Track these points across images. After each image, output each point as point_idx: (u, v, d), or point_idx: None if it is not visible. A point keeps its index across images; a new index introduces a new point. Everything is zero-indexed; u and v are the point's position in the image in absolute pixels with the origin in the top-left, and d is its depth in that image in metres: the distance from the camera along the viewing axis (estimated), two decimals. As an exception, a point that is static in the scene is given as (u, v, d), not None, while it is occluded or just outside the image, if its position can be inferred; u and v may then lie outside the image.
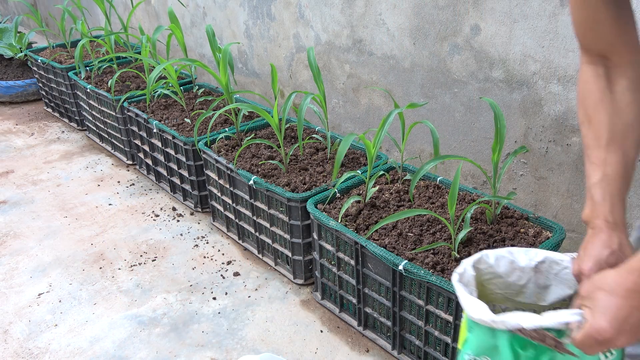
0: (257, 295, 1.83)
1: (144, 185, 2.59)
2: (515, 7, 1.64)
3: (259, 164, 1.94)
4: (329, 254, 1.65)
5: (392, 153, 2.31)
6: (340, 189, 1.73)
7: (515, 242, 1.44)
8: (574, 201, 1.72)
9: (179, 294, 1.86)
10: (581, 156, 1.65)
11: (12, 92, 3.68)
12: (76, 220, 2.31)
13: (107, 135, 2.89)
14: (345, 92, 2.38)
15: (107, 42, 2.82)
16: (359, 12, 2.14)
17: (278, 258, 1.94)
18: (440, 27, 1.88)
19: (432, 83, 1.99)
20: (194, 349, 1.62)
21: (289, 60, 2.61)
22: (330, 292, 1.74)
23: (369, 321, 1.64)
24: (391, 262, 1.38)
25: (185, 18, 3.20)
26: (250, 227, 2.00)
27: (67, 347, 1.65)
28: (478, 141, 1.92)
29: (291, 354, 1.59)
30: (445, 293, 1.30)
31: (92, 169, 2.77)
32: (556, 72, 1.62)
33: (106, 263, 2.03)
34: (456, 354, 1.34)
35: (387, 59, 2.12)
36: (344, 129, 2.47)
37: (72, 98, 3.14)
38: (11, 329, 1.73)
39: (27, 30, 5.14)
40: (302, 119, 1.85)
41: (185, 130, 2.25)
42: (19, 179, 2.70)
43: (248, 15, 2.72)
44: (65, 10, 3.11)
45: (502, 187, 1.90)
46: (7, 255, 2.11)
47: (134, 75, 2.92)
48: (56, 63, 3.13)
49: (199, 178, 2.26)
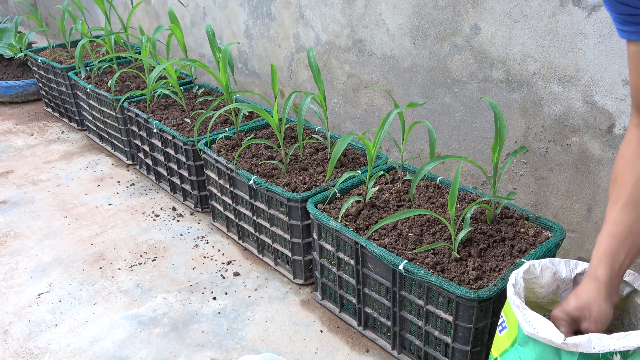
0: (257, 295, 1.83)
1: (144, 185, 2.59)
2: (515, 7, 1.64)
3: (259, 164, 1.94)
4: (329, 254, 1.65)
5: (392, 153, 2.31)
6: (340, 189, 1.73)
7: (515, 242, 1.44)
8: (574, 201, 1.72)
9: (179, 294, 1.86)
10: (581, 156, 1.65)
11: (12, 92, 3.68)
12: (76, 220, 2.31)
13: (107, 135, 2.89)
14: (345, 92, 2.38)
15: (107, 42, 2.82)
16: (359, 12, 2.14)
17: (278, 258, 1.94)
18: (440, 27, 1.88)
19: (432, 83, 1.99)
20: (194, 349, 1.62)
21: (289, 60, 2.61)
22: (330, 292, 1.74)
23: (369, 321, 1.64)
24: (391, 262, 1.38)
25: (185, 18, 3.20)
26: (250, 227, 2.00)
27: (67, 347, 1.65)
28: (478, 141, 1.92)
29: (291, 354, 1.59)
30: (445, 293, 1.30)
31: (92, 169, 2.77)
32: (556, 72, 1.62)
33: (106, 263, 2.03)
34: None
35: (387, 59, 2.12)
36: (344, 129, 2.47)
37: (72, 98, 3.14)
38: (11, 329, 1.73)
39: (27, 30, 5.14)
40: (302, 119, 1.85)
41: (185, 130, 2.25)
42: (19, 179, 2.70)
43: (248, 15, 2.72)
44: (65, 10, 3.11)
45: (502, 187, 1.90)
46: (7, 255, 2.11)
47: (134, 75, 2.92)
48: (56, 63, 3.13)
49: (199, 178, 2.26)
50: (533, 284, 1.12)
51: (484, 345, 1.35)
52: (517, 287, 1.05)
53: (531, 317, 0.95)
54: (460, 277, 1.32)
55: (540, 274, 1.11)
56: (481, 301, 1.25)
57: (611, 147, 1.57)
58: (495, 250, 1.42)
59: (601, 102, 1.54)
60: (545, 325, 0.93)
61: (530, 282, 1.12)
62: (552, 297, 1.14)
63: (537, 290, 1.13)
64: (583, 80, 1.56)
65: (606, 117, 1.55)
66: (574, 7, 1.51)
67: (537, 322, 0.94)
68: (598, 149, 1.60)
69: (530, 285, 1.12)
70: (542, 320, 0.94)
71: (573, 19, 1.52)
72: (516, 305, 0.98)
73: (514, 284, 1.05)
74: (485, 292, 1.24)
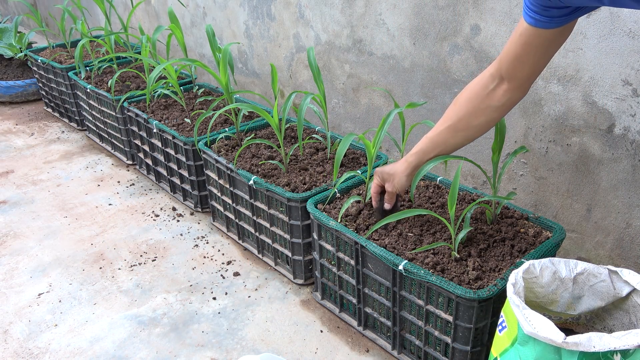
0: (257, 295, 1.84)
1: (144, 185, 2.59)
2: (515, 7, 1.64)
3: (259, 164, 1.94)
4: (329, 254, 1.65)
5: (392, 153, 2.31)
6: (340, 189, 1.73)
7: (515, 242, 1.44)
8: (574, 201, 1.72)
9: (179, 294, 1.86)
10: (581, 156, 1.65)
11: (12, 92, 3.68)
12: (76, 220, 2.31)
13: (107, 135, 2.89)
14: (345, 92, 2.38)
15: (107, 42, 2.82)
16: (359, 12, 2.14)
17: (278, 258, 1.94)
18: (440, 27, 1.88)
19: (432, 83, 1.99)
20: (194, 349, 1.62)
21: (289, 60, 2.61)
22: (330, 292, 1.74)
23: (369, 321, 1.64)
24: (391, 262, 1.38)
25: (185, 18, 3.20)
26: (250, 227, 2.00)
27: (67, 347, 1.65)
28: (478, 141, 1.92)
29: (291, 354, 1.59)
30: (445, 293, 1.30)
31: (92, 169, 2.77)
32: (556, 72, 1.62)
33: (106, 263, 2.03)
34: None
35: (387, 59, 2.12)
36: (344, 129, 2.47)
37: (72, 98, 3.14)
38: (11, 329, 1.73)
39: (27, 30, 5.14)
40: (302, 119, 1.85)
41: (185, 130, 2.25)
42: (19, 179, 2.70)
43: (248, 15, 2.72)
44: (65, 10, 3.11)
45: (502, 187, 1.91)
46: (7, 255, 2.11)
47: (134, 75, 2.92)
48: (56, 63, 3.13)
49: (199, 178, 2.26)
50: (533, 284, 1.12)
51: (484, 345, 1.35)
52: (517, 287, 1.05)
53: (531, 316, 0.95)
54: (460, 277, 1.32)
55: (540, 274, 1.12)
56: (481, 301, 1.25)
57: (611, 147, 1.57)
58: (495, 250, 1.42)
59: (601, 102, 1.54)
60: (546, 324, 0.93)
61: (530, 282, 1.12)
62: (552, 297, 1.14)
63: (537, 289, 1.13)
64: (583, 80, 1.56)
65: (606, 117, 1.55)
66: (574, 7, 1.51)
67: (538, 321, 0.94)
68: (598, 149, 1.60)
69: (530, 285, 1.12)
70: (543, 320, 0.94)
71: (573, 19, 1.52)
72: (516, 305, 0.99)
73: (514, 283, 1.05)
74: (485, 292, 1.24)
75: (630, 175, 1.55)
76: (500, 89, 1.20)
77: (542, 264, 1.11)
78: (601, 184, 1.63)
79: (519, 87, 1.18)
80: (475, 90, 1.24)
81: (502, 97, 1.20)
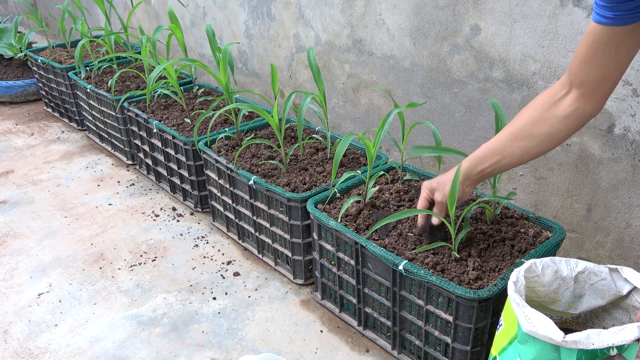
0: (257, 295, 1.84)
1: (144, 185, 2.59)
2: (515, 7, 1.64)
3: (259, 164, 1.94)
4: (329, 254, 1.65)
5: (392, 153, 2.31)
6: (340, 189, 1.73)
7: (515, 242, 1.44)
8: (574, 201, 1.72)
9: (179, 294, 1.86)
10: (581, 156, 1.65)
11: (12, 92, 3.68)
12: (76, 220, 2.31)
13: (107, 135, 2.89)
14: (345, 92, 2.38)
15: (107, 42, 2.82)
16: (359, 12, 2.14)
17: (278, 258, 1.94)
18: (440, 27, 1.88)
19: (432, 83, 1.99)
20: (194, 349, 1.62)
21: (289, 60, 2.61)
22: (330, 292, 1.74)
23: (369, 321, 1.64)
24: (391, 262, 1.38)
25: (185, 18, 3.20)
26: (250, 227, 2.00)
27: (67, 347, 1.65)
28: (478, 141, 1.92)
29: (291, 354, 1.59)
30: (445, 293, 1.30)
31: (92, 169, 2.77)
32: (556, 72, 1.62)
33: (106, 263, 2.03)
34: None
35: (387, 59, 2.12)
36: (344, 129, 2.47)
37: (72, 98, 3.14)
38: (11, 329, 1.73)
39: (27, 30, 5.14)
40: (302, 119, 1.85)
41: (185, 130, 2.25)
42: (19, 179, 2.70)
43: (248, 15, 2.72)
44: (65, 10, 3.11)
45: (502, 187, 1.91)
46: (7, 255, 2.11)
47: (134, 75, 2.92)
48: (56, 63, 3.13)
49: (199, 178, 2.26)
50: (534, 283, 1.12)
51: (484, 345, 1.35)
52: (518, 285, 1.05)
53: (531, 314, 0.95)
54: (460, 277, 1.32)
55: (542, 273, 1.12)
56: (481, 301, 1.25)
57: (611, 147, 1.57)
58: (495, 250, 1.42)
59: (601, 102, 1.54)
60: (545, 322, 0.93)
61: (532, 281, 1.12)
62: (554, 296, 1.14)
63: (538, 289, 1.13)
64: (583, 80, 1.56)
65: (606, 117, 1.55)
66: (574, 7, 1.51)
67: (537, 319, 0.94)
68: (598, 149, 1.60)
69: (532, 284, 1.12)
70: (542, 318, 0.94)
71: (573, 18, 1.52)
72: (516, 303, 0.99)
73: (515, 281, 1.05)
74: (485, 292, 1.24)
75: (630, 175, 1.55)
76: (569, 97, 1.11)
77: (544, 263, 1.12)
78: (601, 184, 1.63)
79: (589, 95, 1.08)
80: (543, 98, 1.16)
81: (569, 106, 1.11)
